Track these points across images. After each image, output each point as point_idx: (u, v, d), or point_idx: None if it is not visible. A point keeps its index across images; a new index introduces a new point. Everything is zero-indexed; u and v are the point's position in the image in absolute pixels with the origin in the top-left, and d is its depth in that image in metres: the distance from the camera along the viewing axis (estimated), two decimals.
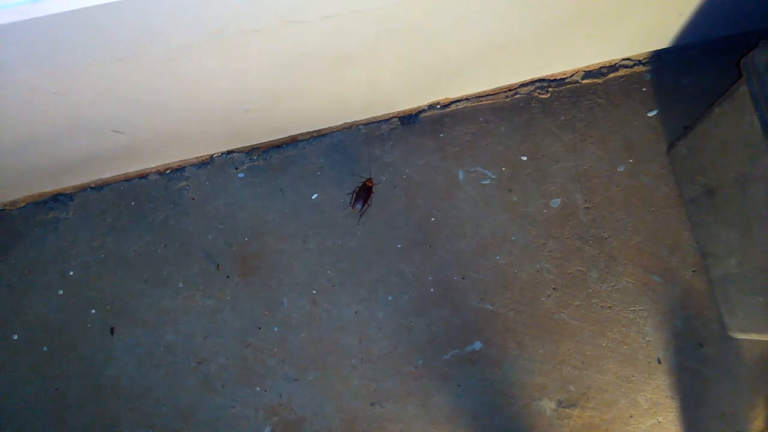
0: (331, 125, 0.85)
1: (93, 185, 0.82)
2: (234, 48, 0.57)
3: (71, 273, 0.80)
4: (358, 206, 0.83)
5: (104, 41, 0.49)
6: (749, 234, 0.75)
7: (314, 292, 0.81)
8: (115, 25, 0.48)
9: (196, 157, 0.82)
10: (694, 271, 0.84)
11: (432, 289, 0.82)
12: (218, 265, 0.81)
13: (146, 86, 0.59)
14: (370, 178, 0.85)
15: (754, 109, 0.69)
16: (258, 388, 0.78)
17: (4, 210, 0.81)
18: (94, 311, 0.79)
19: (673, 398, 0.80)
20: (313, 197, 0.84)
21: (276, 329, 0.80)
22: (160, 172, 0.83)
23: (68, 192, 0.82)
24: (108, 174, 0.79)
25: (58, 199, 0.82)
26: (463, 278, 0.83)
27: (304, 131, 0.84)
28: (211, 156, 0.83)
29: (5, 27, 0.45)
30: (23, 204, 0.82)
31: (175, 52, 0.54)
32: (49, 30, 0.45)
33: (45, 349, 0.78)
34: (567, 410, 0.79)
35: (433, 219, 0.84)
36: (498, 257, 0.84)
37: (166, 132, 0.71)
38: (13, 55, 0.49)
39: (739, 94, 0.70)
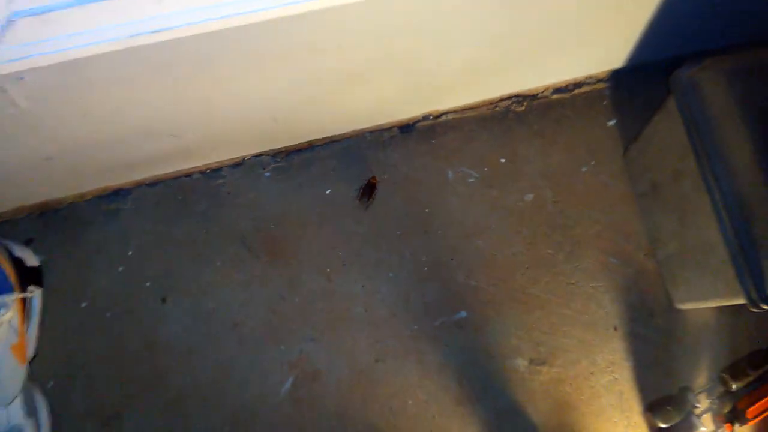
0: (342, 132, 0.97)
1: (147, 182, 0.95)
2: (270, 69, 0.73)
3: (130, 253, 0.93)
4: (365, 200, 0.96)
5: (178, 65, 0.65)
6: (684, 220, 0.87)
7: (328, 270, 0.94)
8: (185, 55, 0.64)
9: (231, 159, 0.95)
10: (645, 254, 0.95)
11: (426, 268, 0.94)
12: (249, 248, 0.94)
13: (203, 100, 0.73)
14: (375, 177, 0.96)
15: (680, 117, 0.84)
16: (282, 347, 0.90)
17: (74, 202, 0.95)
18: (148, 284, 0.92)
19: (627, 359, 0.91)
20: (327, 192, 0.97)
21: (297, 300, 0.92)
22: (202, 172, 0.96)
23: (127, 187, 0.95)
24: (160, 172, 0.94)
25: (119, 193, 0.95)
26: (452, 259, 0.95)
27: (320, 137, 0.96)
28: (243, 158, 0.96)
29: (112, 54, 0.61)
30: (90, 197, 0.95)
31: (228, 75, 0.70)
32: (148, 55, 0.61)
33: (108, 314, 0.91)
34: (537, 367, 0.91)
35: (427, 210, 0.97)
36: (480, 242, 0.95)
37: (211, 137, 0.86)
38: (114, 76, 0.65)
39: (670, 105, 0.84)
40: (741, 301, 0.76)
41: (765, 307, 0.72)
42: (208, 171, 0.97)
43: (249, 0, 0.57)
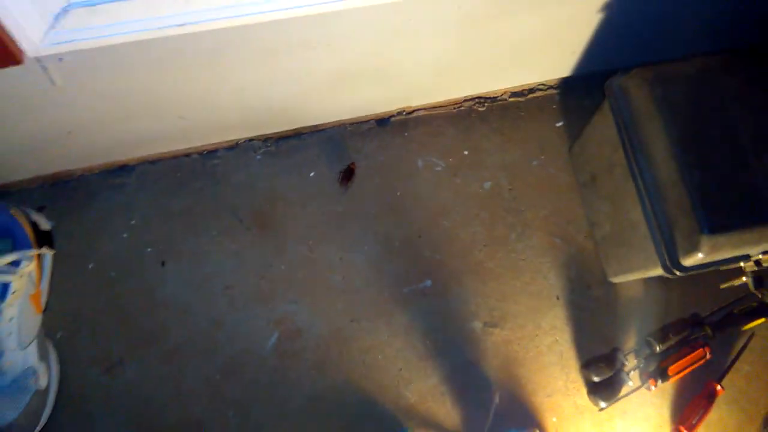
0: (326, 122, 1.08)
1: (150, 160, 1.05)
2: (270, 63, 0.83)
3: (133, 222, 1.02)
4: (344, 183, 1.06)
5: (194, 56, 0.77)
6: (615, 205, 0.97)
7: (310, 242, 1.04)
8: (201, 47, 0.76)
9: (226, 142, 1.06)
10: (585, 236, 1.07)
11: (396, 243, 1.05)
12: (241, 220, 1.04)
13: (210, 87, 0.84)
14: (354, 163, 1.07)
15: (612, 117, 0.99)
16: (269, 307, 1.00)
17: (84, 175, 1.04)
18: (149, 249, 1.01)
19: (567, 324, 1.02)
20: (311, 175, 1.07)
21: (282, 267, 1.02)
22: (200, 153, 1.07)
23: (132, 164, 1.04)
24: (164, 150, 1.03)
25: (124, 168, 1.05)
26: (419, 237, 1.05)
27: (306, 125, 1.07)
28: (237, 142, 1.07)
29: (142, 43, 0.72)
30: (98, 171, 1.04)
31: (235, 66, 0.82)
32: (171, 45, 0.72)
33: (113, 274, 0.99)
34: (491, 329, 1.02)
35: (398, 193, 1.07)
36: (445, 222, 1.06)
37: (211, 121, 0.96)
38: (139, 61, 0.76)
39: (605, 107, 0.96)
40: (658, 269, 0.90)
41: (678, 273, 0.87)
42: (205, 152, 1.09)
43: (262, 3, 0.70)
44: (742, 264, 0.89)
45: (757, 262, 0.89)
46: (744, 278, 0.92)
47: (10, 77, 0.71)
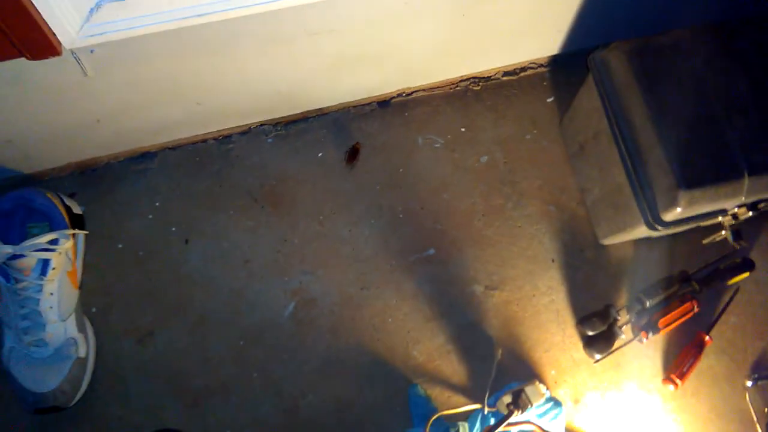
0: (330, 105, 1.13)
1: (170, 146, 1.12)
2: (278, 50, 0.91)
3: (157, 204, 1.09)
4: (350, 161, 1.13)
5: (211, 44, 0.85)
6: (602, 170, 1.03)
7: (321, 217, 1.11)
8: (217, 36, 0.85)
9: (240, 127, 1.13)
10: (576, 203, 1.13)
11: (401, 216, 1.10)
12: (255, 199, 1.11)
13: (225, 74, 0.90)
14: (358, 142, 1.13)
15: (596, 88, 1.06)
16: (285, 279, 1.07)
17: (109, 162, 1.12)
18: (173, 228, 1.08)
19: (562, 285, 1.09)
20: (319, 155, 1.14)
21: (296, 241, 1.09)
22: (215, 138, 1.14)
23: (153, 150, 1.11)
24: (182, 136, 1.10)
25: (146, 155, 1.12)
26: (422, 209, 1.10)
27: (313, 109, 1.14)
28: (250, 127, 1.14)
29: (165, 33, 0.80)
30: (122, 158, 1.11)
31: (246, 52, 0.90)
32: (191, 35, 0.81)
33: (141, 253, 1.07)
34: (491, 292, 1.09)
35: (401, 170, 1.14)
36: (445, 195, 1.11)
37: (226, 105, 1.03)
38: (162, 51, 0.84)
39: (589, 80, 1.02)
40: (643, 227, 0.97)
41: (660, 228, 0.94)
42: (220, 138, 1.17)
43: None
44: (720, 218, 0.96)
45: (734, 216, 0.96)
46: (723, 232, 0.99)
47: (47, 69, 0.79)
